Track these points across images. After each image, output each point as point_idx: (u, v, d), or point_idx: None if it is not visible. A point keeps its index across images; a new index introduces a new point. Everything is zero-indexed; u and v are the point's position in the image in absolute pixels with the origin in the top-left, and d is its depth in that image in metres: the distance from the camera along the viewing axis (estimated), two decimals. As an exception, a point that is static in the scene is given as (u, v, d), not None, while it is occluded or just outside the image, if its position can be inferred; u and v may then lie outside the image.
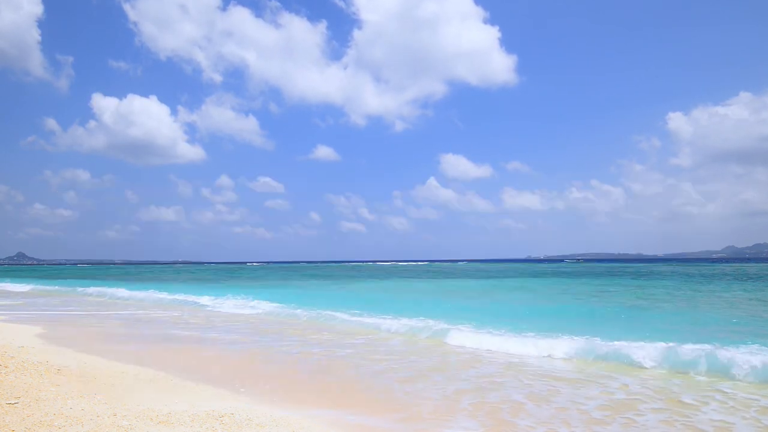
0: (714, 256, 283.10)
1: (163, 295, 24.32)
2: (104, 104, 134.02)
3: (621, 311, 16.95)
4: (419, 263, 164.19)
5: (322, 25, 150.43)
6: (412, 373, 8.55)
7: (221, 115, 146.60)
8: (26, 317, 16.29)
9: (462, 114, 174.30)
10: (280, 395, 6.96)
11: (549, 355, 9.61)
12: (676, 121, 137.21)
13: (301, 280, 45.26)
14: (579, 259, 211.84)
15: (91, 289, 28.72)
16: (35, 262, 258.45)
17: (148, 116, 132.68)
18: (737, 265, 79.92)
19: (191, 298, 22.90)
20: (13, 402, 5.40)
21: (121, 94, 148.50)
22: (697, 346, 8.57)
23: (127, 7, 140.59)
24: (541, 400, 6.80)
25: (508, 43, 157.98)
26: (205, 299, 21.95)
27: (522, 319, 14.02)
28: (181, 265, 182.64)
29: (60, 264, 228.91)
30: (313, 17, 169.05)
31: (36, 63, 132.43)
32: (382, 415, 6.18)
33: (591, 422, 5.90)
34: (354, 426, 5.74)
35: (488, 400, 6.82)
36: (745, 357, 7.84)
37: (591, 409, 6.41)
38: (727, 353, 8.07)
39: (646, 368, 8.51)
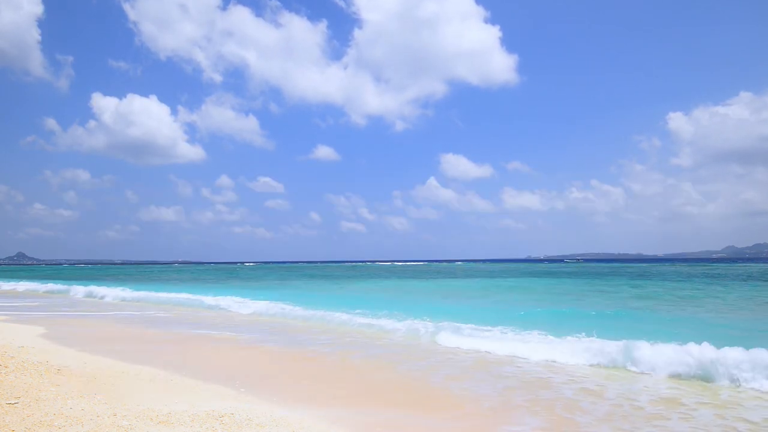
0: (714, 256, 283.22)
1: (164, 295, 24.33)
2: (104, 104, 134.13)
3: (628, 312, 16.82)
4: (419, 263, 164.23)
5: (323, 25, 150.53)
6: (454, 371, 8.67)
7: (221, 115, 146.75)
8: (29, 317, 16.29)
9: (462, 114, 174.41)
10: (290, 394, 6.96)
11: (578, 357, 9.45)
12: (676, 121, 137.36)
13: (301, 280, 45.28)
14: (579, 259, 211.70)
15: (92, 290, 28.69)
16: (35, 262, 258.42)
17: (148, 116, 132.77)
18: (741, 265, 79.79)
19: (192, 297, 22.89)
20: (13, 402, 5.39)
21: (120, 94, 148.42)
22: (710, 348, 8.54)
23: (126, 6, 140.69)
24: (594, 397, 7.00)
25: (508, 42, 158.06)
26: (205, 299, 21.93)
27: (533, 320, 13.71)
28: (179, 265, 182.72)
29: (60, 264, 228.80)
30: (313, 17, 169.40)
31: (36, 63, 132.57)
32: (438, 413, 6.32)
33: (650, 417, 6.12)
34: (393, 425, 5.74)
35: (542, 397, 7.02)
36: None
37: (644, 404, 6.66)
38: (748, 355, 7.97)
39: (667, 369, 8.41)
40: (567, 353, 9.60)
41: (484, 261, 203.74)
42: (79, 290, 29.02)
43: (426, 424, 5.89)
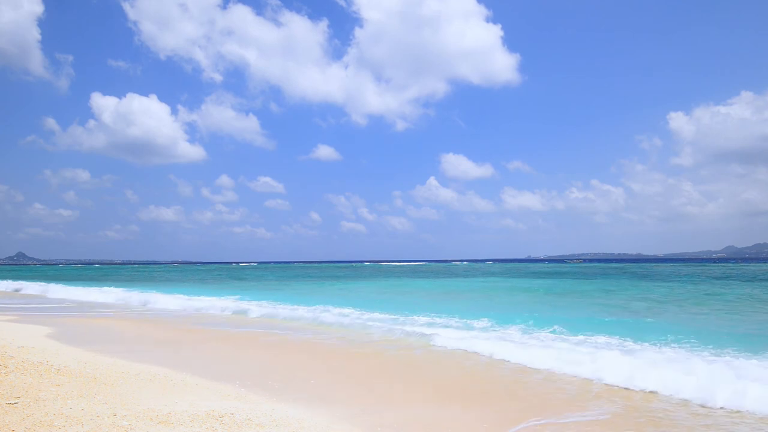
0: (714, 256, 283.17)
1: (167, 297, 24.34)
2: (104, 103, 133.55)
3: (645, 318, 15.78)
4: (419, 263, 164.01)
5: (324, 24, 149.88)
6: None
7: (221, 115, 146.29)
8: (35, 318, 16.29)
9: (463, 113, 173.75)
10: (292, 394, 6.96)
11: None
12: (677, 120, 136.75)
13: (301, 281, 45.27)
14: (579, 259, 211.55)
15: (70, 290, 28.72)
16: (35, 262, 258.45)
17: (148, 116, 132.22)
18: (744, 265, 79.52)
19: (193, 298, 22.90)
20: (13, 402, 5.39)
21: (120, 94, 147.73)
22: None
23: (126, 6, 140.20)
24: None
25: (510, 42, 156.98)
26: (204, 300, 21.94)
27: (552, 325, 12.99)
28: (177, 265, 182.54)
29: (58, 264, 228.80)
30: (314, 15, 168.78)
31: (36, 62, 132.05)
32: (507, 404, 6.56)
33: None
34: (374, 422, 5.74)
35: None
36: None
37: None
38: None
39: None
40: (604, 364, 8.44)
41: (484, 261, 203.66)
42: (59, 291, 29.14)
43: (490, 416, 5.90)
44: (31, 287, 32.06)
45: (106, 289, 29.58)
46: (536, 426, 5.90)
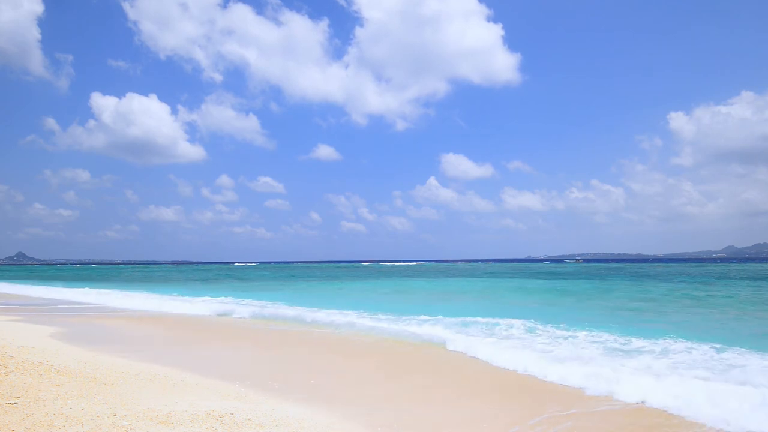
0: (714, 256, 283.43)
1: (164, 297, 24.34)
2: (104, 103, 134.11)
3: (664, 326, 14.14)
4: (419, 263, 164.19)
5: (324, 23, 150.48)
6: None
7: (221, 115, 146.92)
8: (39, 318, 16.29)
9: (464, 113, 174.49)
10: (292, 394, 6.95)
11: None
12: (677, 120, 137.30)
13: (301, 281, 45.27)
14: (578, 260, 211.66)
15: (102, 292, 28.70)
16: (35, 262, 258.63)
17: (148, 115, 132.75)
18: (744, 265, 79.42)
19: (192, 298, 22.89)
20: (13, 402, 5.38)
21: (120, 93, 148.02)
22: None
23: (126, 5, 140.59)
24: None
25: (511, 41, 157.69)
26: (203, 300, 21.92)
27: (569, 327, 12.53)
28: (176, 265, 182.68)
29: (55, 264, 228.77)
30: (314, 15, 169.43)
31: (36, 62, 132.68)
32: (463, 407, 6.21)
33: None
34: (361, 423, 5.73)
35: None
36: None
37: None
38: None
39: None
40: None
41: (483, 261, 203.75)
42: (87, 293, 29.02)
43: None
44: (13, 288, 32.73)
45: (102, 290, 29.60)
46: (559, 416, 5.89)
